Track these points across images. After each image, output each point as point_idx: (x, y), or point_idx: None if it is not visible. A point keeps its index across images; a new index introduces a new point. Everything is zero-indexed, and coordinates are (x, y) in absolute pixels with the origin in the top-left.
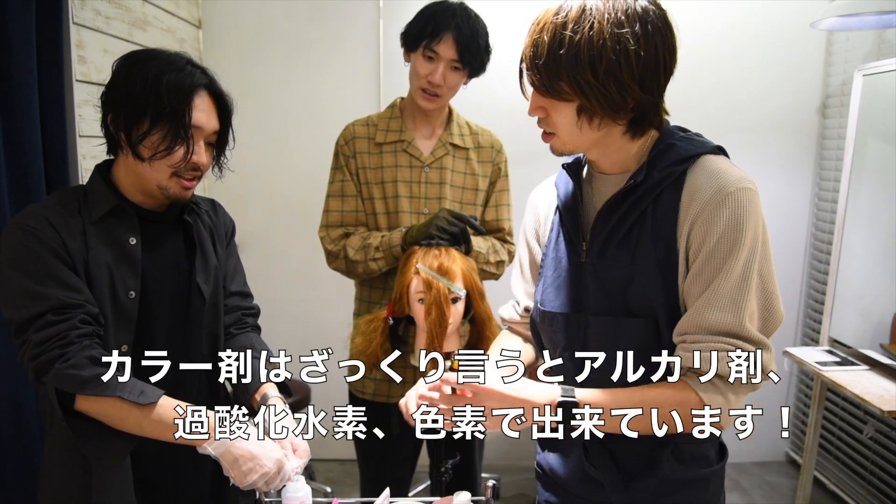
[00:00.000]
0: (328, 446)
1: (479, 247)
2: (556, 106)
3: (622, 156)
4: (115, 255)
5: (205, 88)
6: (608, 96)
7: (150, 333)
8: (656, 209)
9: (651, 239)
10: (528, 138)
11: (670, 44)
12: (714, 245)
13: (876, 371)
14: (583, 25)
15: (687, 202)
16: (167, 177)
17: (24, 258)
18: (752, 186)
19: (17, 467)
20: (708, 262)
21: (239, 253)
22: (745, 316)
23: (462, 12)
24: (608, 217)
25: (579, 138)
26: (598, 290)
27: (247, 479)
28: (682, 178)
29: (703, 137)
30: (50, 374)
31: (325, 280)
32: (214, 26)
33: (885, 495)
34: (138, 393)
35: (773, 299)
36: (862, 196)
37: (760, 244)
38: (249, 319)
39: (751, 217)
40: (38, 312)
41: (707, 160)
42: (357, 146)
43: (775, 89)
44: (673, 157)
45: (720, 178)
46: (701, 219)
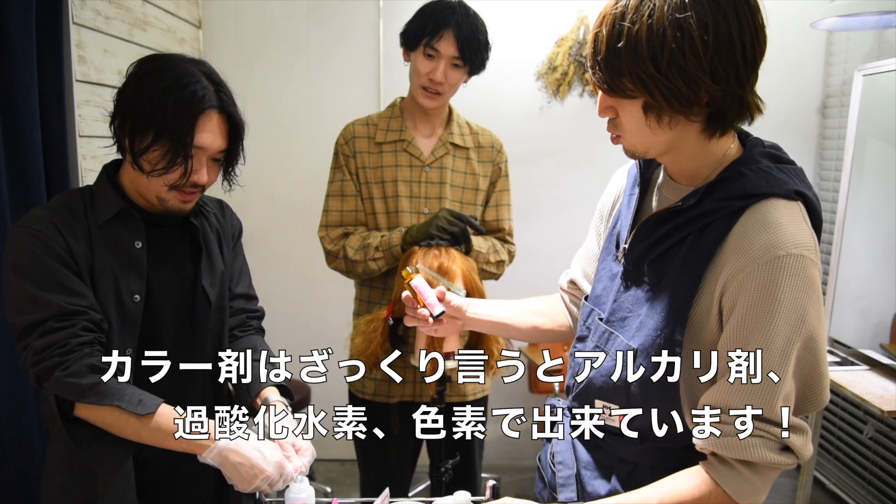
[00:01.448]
0: (328, 446)
1: (479, 246)
2: (622, 105)
3: (694, 164)
4: (120, 258)
5: (215, 109)
6: (674, 90)
7: (155, 337)
8: (699, 242)
9: (678, 271)
10: (528, 138)
11: (751, 24)
12: (746, 312)
13: (876, 371)
14: (641, 13)
15: (731, 249)
16: (165, 190)
17: (29, 263)
18: (807, 254)
19: (17, 470)
20: (739, 331)
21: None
22: (777, 398)
23: (461, 9)
24: (650, 232)
25: (650, 139)
26: (619, 301)
27: (250, 485)
28: (736, 216)
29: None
30: (50, 381)
31: (324, 280)
32: (214, 26)
33: (885, 495)
34: (136, 402)
35: (820, 381)
36: (862, 196)
37: (808, 320)
38: (253, 322)
39: (794, 287)
40: (40, 319)
41: (770, 206)
42: (357, 145)
43: (775, 89)
44: (735, 190)
45: (774, 235)
46: (739, 276)
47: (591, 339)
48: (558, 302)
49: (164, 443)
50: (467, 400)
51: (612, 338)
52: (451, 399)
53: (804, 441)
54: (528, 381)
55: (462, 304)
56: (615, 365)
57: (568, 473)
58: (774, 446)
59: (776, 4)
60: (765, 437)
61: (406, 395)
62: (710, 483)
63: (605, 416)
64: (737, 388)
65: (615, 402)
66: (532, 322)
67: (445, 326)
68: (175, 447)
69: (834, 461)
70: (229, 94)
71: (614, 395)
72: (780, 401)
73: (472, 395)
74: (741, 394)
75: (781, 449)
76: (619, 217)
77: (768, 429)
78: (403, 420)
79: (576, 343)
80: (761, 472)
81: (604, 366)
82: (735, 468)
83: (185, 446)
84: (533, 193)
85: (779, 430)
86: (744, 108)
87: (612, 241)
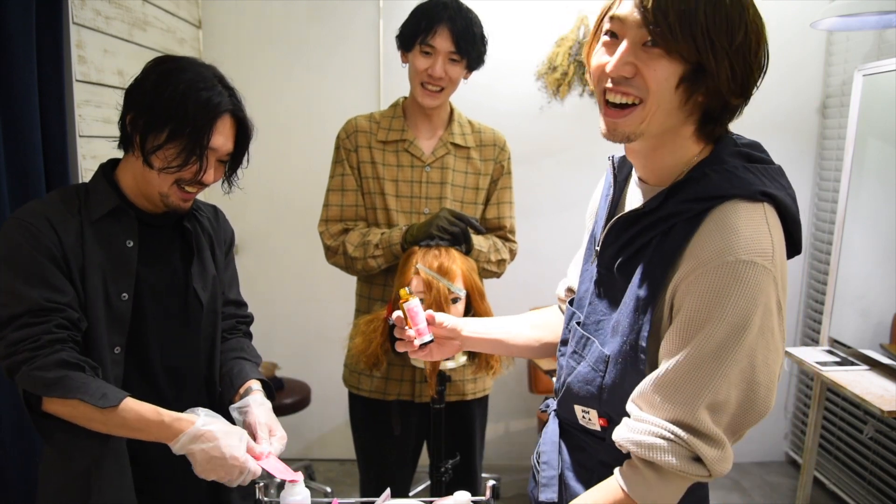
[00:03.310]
0: (328, 446)
1: (479, 245)
2: (656, 64)
3: (670, 160)
4: (111, 256)
5: (229, 113)
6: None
7: (145, 336)
8: (662, 245)
9: (640, 277)
10: (528, 138)
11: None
12: (690, 315)
13: (876, 371)
14: None
15: (690, 251)
16: (170, 187)
17: (17, 255)
18: (759, 261)
19: (17, 468)
20: (681, 333)
21: (239, 253)
22: (700, 404)
23: (453, 4)
24: (617, 235)
25: (662, 113)
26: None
27: (208, 476)
28: (699, 218)
29: (759, 172)
30: (18, 374)
31: (324, 280)
32: (214, 26)
33: (885, 495)
34: (100, 396)
35: (759, 391)
36: (862, 196)
37: (751, 329)
38: (243, 327)
39: (741, 294)
40: (16, 313)
41: (731, 208)
42: (359, 140)
43: (775, 89)
44: (696, 192)
45: (727, 240)
46: (688, 279)
47: (570, 344)
48: (557, 313)
49: (131, 434)
50: (467, 399)
51: (588, 343)
52: (451, 399)
53: (719, 455)
54: (528, 381)
55: (457, 325)
56: (590, 370)
57: (551, 474)
58: (683, 453)
59: (776, 4)
60: (675, 441)
61: (404, 393)
62: (618, 490)
63: (585, 421)
64: (661, 388)
65: (593, 406)
66: (532, 336)
67: (442, 349)
68: (144, 437)
69: (834, 461)
70: (240, 99)
71: (591, 400)
72: (703, 407)
73: (472, 394)
74: (665, 393)
75: (692, 458)
76: (597, 219)
77: (680, 434)
78: (403, 421)
79: (560, 346)
80: (667, 478)
81: (580, 372)
82: (641, 472)
83: (155, 435)
84: (533, 193)
85: (692, 437)
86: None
87: (592, 244)
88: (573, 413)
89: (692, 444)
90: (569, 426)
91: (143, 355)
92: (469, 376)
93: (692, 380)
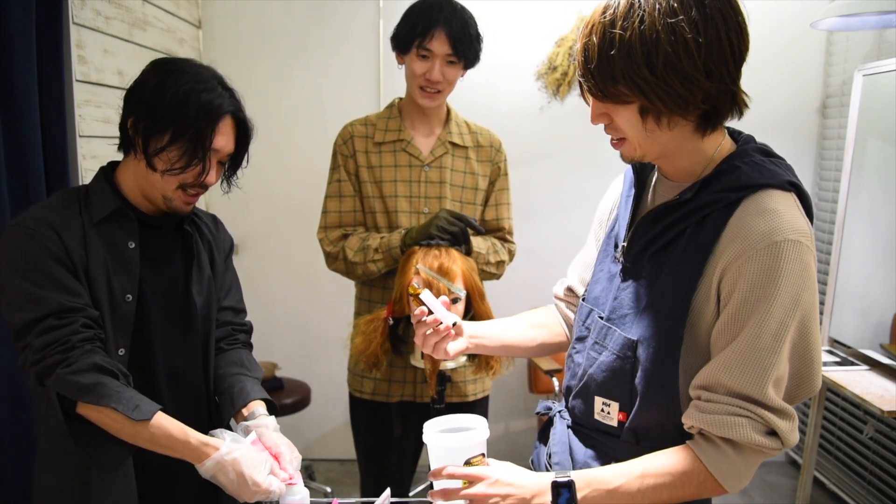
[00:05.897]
0: (328, 446)
1: (478, 247)
2: (617, 111)
3: (688, 162)
4: (114, 258)
5: (230, 114)
6: (671, 92)
7: (147, 337)
8: (698, 234)
9: (677, 263)
10: (528, 138)
11: (735, 24)
12: (745, 296)
13: (876, 371)
14: (632, 20)
15: (729, 238)
16: (173, 190)
17: (25, 261)
18: (804, 241)
19: (17, 468)
20: (737, 314)
21: (240, 253)
22: (768, 381)
23: (448, 5)
24: (648, 228)
25: (648, 141)
26: (619, 298)
27: (242, 498)
28: (733, 207)
29: (781, 166)
30: (51, 378)
31: (325, 281)
32: (214, 26)
33: (885, 495)
34: (133, 407)
35: (812, 367)
36: (862, 196)
37: (802, 305)
38: (241, 336)
39: (792, 272)
40: (38, 316)
41: (766, 195)
42: (356, 145)
43: (775, 89)
44: (731, 182)
45: (771, 221)
46: (738, 262)
47: (590, 338)
48: (553, 313)
49: (155, 449)
50: (468, 400)
51: (610, 333)
52: (452, 399)
53: (790, 426)
54: (528, 381)
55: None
56: (615, 359)
57: None
58: (760, 428)
59: (776, 4)
60: (751, 417)
61: (406, 395)
62: (695, 460)
63: (603, 415)
64: (728, 367)
65: (615, 398)
66: (531, 336)
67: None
68: (168, 454)
69: (834, 461)
70: (240, 100)
71: (615, 390)
72: (771, 383)
73: (472, 395)
74: (732, 373)
75: (767, 432)
76: (617, 219)
77: (756, 410)
78: (404, 421)
79: (574, 344)
80: (745, 453)
81: (604, 361)
82: (720, 447)
83: (181, 454)
84: (533, 193)
85: (766, 412)
86: (734, 104)
87: (610, 243)
88: (591, 407)
89: (767, 418)
90: (580, 426)
91: (145, 356)
92: (469, 377)
93: (756, 358)
